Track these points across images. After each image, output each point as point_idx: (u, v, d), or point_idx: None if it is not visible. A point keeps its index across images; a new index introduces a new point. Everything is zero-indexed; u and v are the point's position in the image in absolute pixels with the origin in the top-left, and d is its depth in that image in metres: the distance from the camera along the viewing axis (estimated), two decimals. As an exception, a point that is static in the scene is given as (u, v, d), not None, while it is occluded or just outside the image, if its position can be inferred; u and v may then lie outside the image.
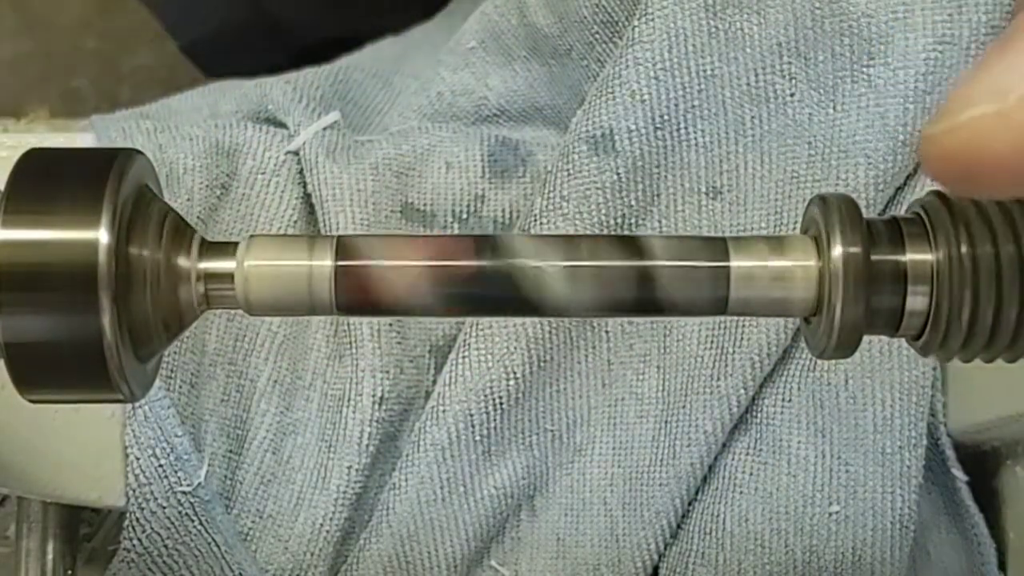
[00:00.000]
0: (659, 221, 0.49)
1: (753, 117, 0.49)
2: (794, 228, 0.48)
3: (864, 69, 0.48)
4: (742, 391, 0.50)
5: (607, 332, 0.51)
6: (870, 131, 0.48)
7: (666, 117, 0.48)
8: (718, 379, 0.50)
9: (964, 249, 0.27)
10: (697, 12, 0.48)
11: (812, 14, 0.48)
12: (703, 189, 0.49)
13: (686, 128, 0.49)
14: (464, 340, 0.50)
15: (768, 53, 0.48)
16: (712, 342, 0.50)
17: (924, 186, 0.49)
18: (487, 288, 0.29)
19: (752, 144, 0.49)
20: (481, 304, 0.30)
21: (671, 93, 0.48)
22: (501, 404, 0.50)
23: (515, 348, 0.49)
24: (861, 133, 0.48)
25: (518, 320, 0.49)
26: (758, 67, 0.48)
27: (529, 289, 0.29)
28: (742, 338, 0.49)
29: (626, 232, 0.48)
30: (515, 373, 0.49)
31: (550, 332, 0.50)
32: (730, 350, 0.50)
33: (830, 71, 0.48)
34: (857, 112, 0.48)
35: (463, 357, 0.50)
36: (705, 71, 0.48)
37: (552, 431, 0.51)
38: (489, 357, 0.49)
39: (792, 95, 0.48)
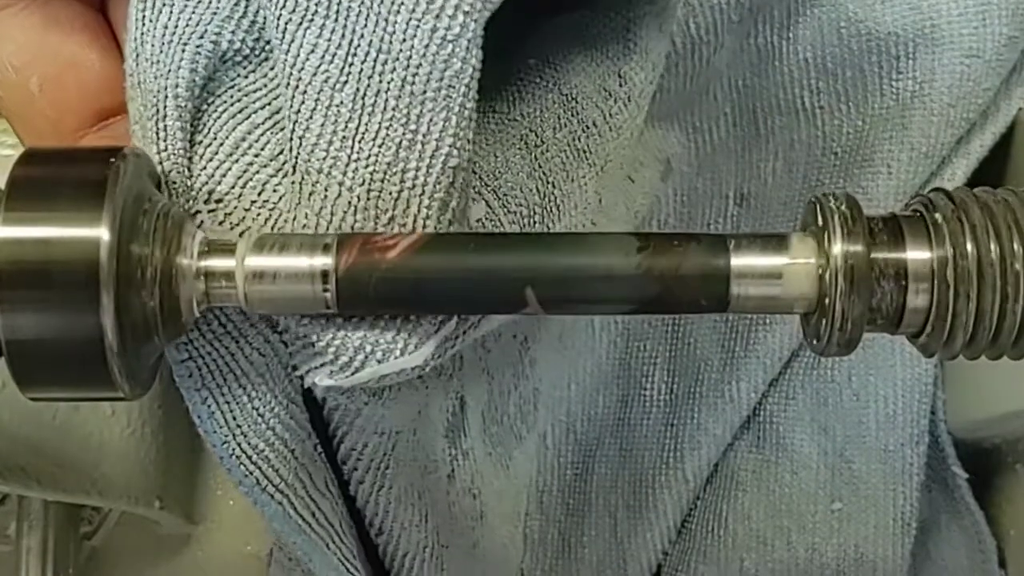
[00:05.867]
0: (686, 223, 0.49)
1: (782, 127, 0.49)
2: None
3: (892, 83, 0.48)
4: (752, 395, 0.49)
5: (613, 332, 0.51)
6: (893, 142, 0.48)
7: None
8: (727, 383, 0.49)
9: (964, 246, 0.27)
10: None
11: (839, 34, 0.47)
12: (731, 194, 0.49)
13: (719, 134, 0.49)
14: None
15: (796, 68, 0.48)
16: (722, 345, 0.50)
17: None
18: (487, 286, 0.29)
19: (781, 152, 0.49)
20: (481, 303, 0.30)
21: None
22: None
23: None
24: (885, 144, 0.48)
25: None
26: (786, 81, 0.48)
27: (529, 286, 0.29)
28: (753, 341, 0.49)
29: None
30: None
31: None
32: (740, 354, 0.49)
33: (858, 86, 0.48)
34: (883, 124, 0.48)
35: None
36: (736, 84, 0.48)
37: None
38: None
39: (822, 108, 0.48)
